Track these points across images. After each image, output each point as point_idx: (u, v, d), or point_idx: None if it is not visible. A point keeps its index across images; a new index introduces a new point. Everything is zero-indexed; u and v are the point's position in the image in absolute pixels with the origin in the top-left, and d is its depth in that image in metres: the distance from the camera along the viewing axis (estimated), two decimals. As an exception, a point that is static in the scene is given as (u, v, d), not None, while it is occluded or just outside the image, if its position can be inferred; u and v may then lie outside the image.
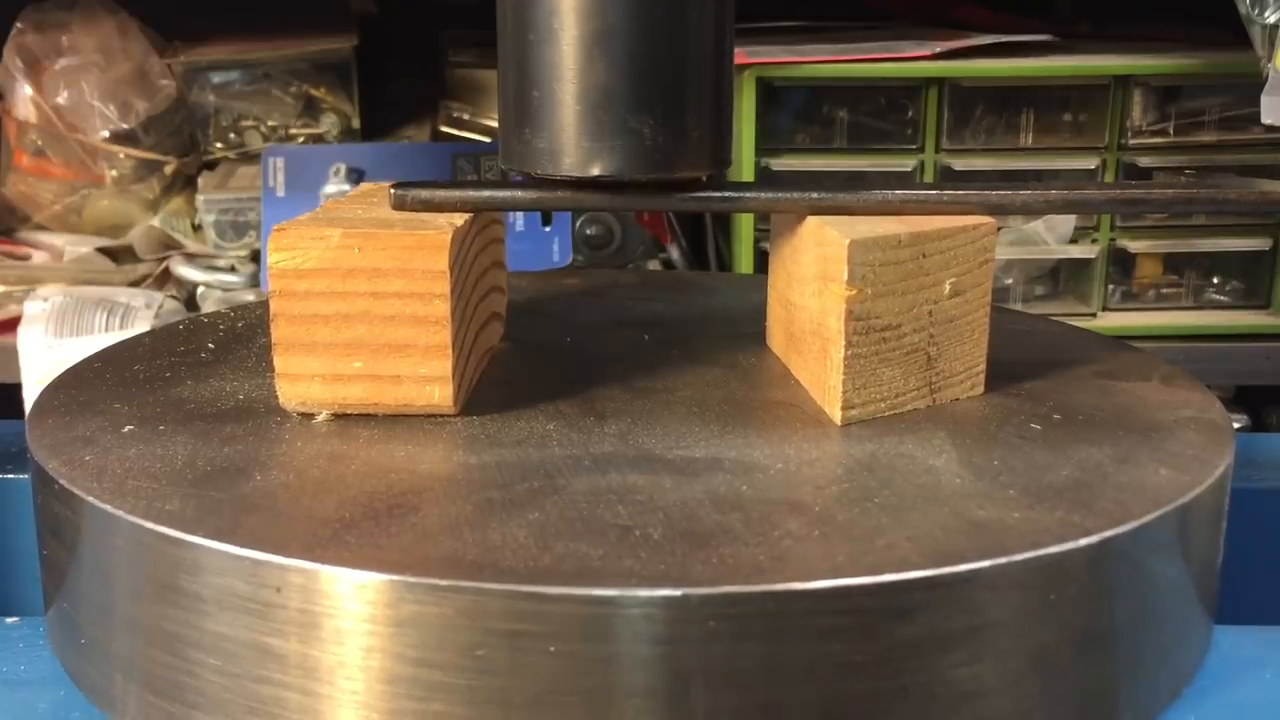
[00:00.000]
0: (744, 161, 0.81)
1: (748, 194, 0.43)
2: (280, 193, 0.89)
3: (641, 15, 0.39)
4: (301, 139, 0.95)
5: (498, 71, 0.42)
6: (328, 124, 0.95)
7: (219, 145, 0.95)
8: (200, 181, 0.93)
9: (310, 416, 0.39)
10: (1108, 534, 0.32)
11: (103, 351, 0.47)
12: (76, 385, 0.43)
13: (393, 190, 0.40)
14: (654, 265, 0.91)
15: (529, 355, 0.47)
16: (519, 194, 0.42)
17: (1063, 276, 0.85)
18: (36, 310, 0.81)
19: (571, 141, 0.40)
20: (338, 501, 0.33)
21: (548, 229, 0.88)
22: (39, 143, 0.92)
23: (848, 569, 0.30)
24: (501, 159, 0.42)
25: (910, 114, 0.81)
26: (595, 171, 0.39)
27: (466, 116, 0.97)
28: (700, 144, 0.41)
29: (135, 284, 0.89)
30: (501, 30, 0.41)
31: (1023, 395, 0.42)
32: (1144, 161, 0.82)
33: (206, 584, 0.31)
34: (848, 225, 0.39)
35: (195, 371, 0.44)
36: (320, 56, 0.95)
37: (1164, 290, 0.84)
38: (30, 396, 0.80)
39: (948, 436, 0.38)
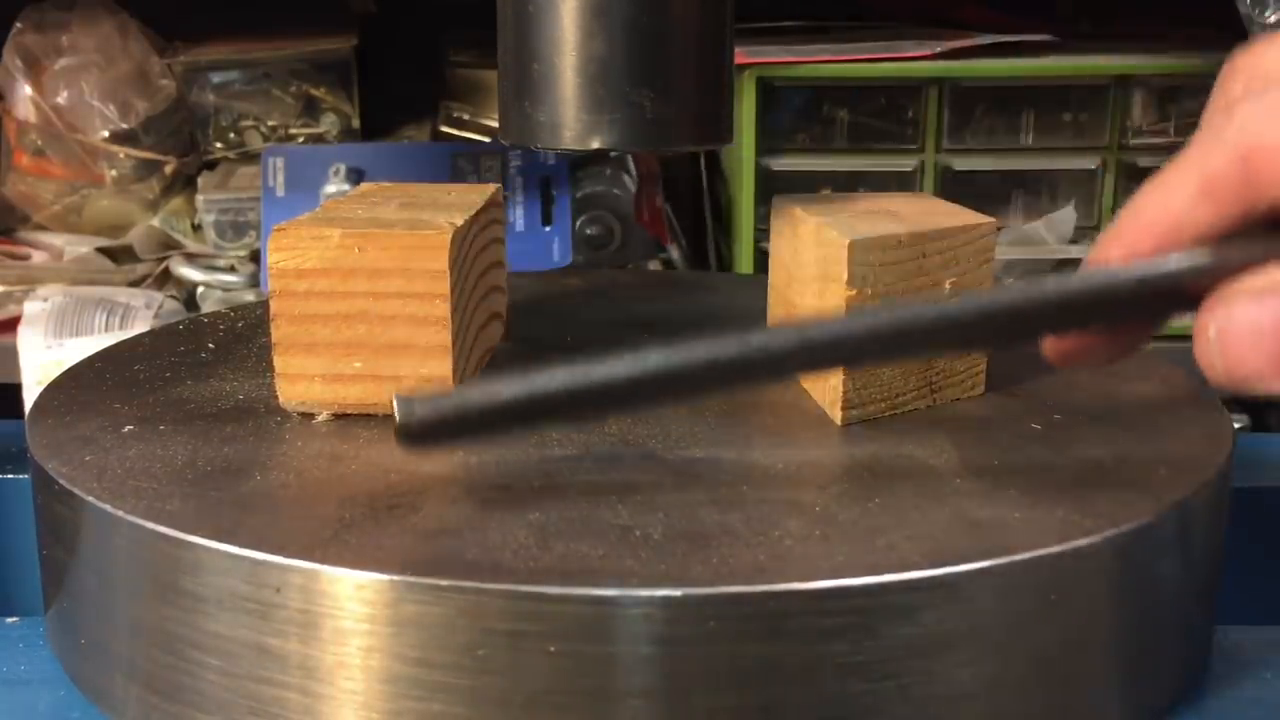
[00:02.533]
0: (744, 162, 0.81)
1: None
2: (280, 193, 0.89)
3: (641, -14, 0.38)
4: (301, 139, 0.95)
5: (497, 43, 0.41)
6: (328, 124, 0.95)
7: (219, 145, 0.95)
8: (200, 181, 0.93)
9: (310, 416, 0.39)
10: (1108, 534, 0.32)
11: (103, 351, 0.46)
12: (76, 385, 0.43)
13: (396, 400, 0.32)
14: (654, 265, 0.91)
15: (529, 355, 0.47)
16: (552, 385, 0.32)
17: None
18: (36, 310, 0.81)
19: (571, 114, 0.39)
20: (338, 501, 0.33)
21: (548, 229, 0.88)
22: (39, 143, 0.92)
23: (848, 569, 0.30)
24: (501, 133, 0.42)
25: (910, 114, 0.81)
26: (595, 144, 0.39)
27: (466, 116, 0.97)
28: (700, 117, 0.41)
29: (135, 284, 0.89)
30: (501, 2, 0.41)
31: (1023, 395, 0.42)
32: (1144, 161, 0.82)
33: (207, 584, 0.31)
34: (848, 225, 0.39)
35: (195, 371, 0.44)
36: (320, 56, 0.95)
37: (1164, 290, 0.83)
38: (30, 396, 0.79)
39: (948, 436, 0.38)
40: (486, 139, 0.95)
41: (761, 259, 0.82)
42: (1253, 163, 0.29)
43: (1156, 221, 0.31)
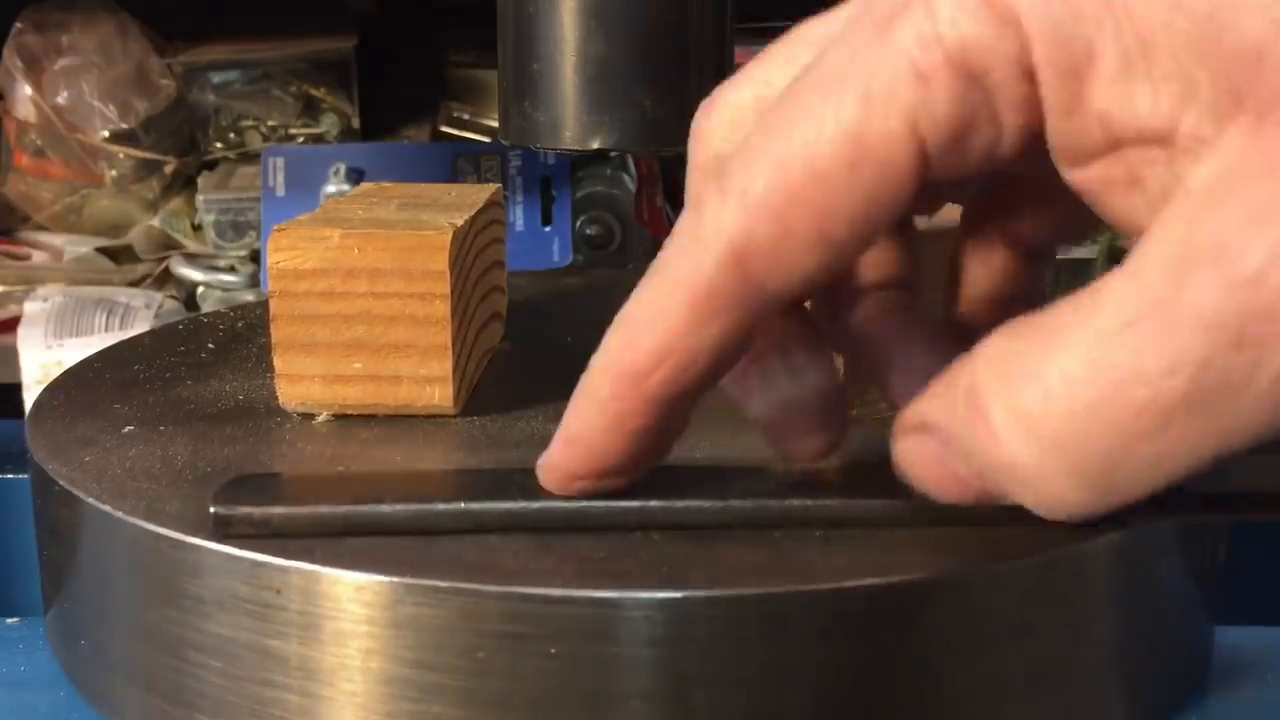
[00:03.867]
0: (744, 161, 0.80)
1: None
2: (280, 193, 0.89)
3: (641, -15, 0.39)
4: (301, 139, 0.95)
5: (497, 43, 0.41)
6: (328, 124, 0.96)
7: (219, 145, 0.95)
8: (200, 181, 0.93)
9: (310, 417, 0.39)
10: (1109, 534, 0.32)
11: (102, 352, 0.46)
12: (76, 386, 0.43)
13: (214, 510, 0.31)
14: (654, 265, 0.91)
15: (529, 355, 0.47)
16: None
17: (1062, 277, 0.85)
18: (36, 310, 0.81)
19: (572, 115, 0.40)
20: (338, 502, 0.33)
21: (548, 229, 0.88)
22: (39, 143, 0.92)
23: (848, 570, 0.30)
24: (501, 134, 0.42)
25: (910, 114, 0.81)
26: (595, 145, 0.39)
27: (466, 116, 0.97)
28: None
29: (135, 284, 0.90)
30: (501, 2, 0.41)
31: (1023, 395, 0.42)
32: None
33: (207, 585, 0.31)
34: (848, 225, 0.39)
35: (195, 372, 0.44)
36: (320, 56, 0.95)
37: (1164, 290, 0.83)
38: (30, 397, 0.80)
39: (948, 437, 0.38)
40: (486, 139, 0.95)
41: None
42: (748, 264, 0.25)
43: (653, 364, 0.27)
